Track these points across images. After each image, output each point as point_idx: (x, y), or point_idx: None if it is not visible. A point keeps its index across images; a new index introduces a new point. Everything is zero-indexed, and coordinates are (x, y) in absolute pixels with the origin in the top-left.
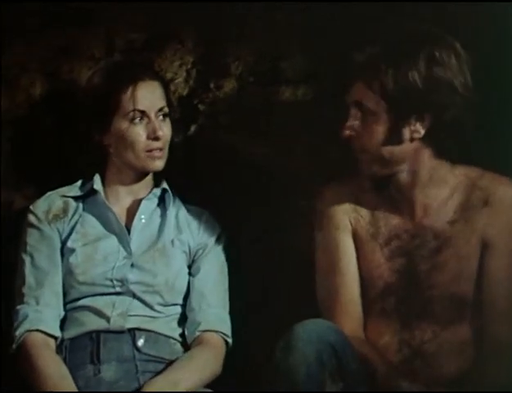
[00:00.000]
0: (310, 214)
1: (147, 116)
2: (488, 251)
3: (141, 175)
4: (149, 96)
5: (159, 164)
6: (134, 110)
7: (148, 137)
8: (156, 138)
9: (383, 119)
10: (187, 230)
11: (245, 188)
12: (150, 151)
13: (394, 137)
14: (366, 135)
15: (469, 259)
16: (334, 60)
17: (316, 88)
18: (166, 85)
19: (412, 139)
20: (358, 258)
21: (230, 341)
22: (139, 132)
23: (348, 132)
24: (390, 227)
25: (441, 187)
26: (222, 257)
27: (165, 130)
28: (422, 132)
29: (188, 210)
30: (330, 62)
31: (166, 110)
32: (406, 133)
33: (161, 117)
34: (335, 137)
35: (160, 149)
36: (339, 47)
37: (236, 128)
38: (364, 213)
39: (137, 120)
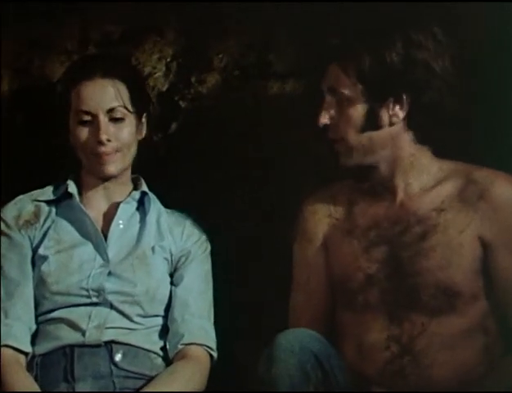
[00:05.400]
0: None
1: (96, 118)
2: (491, 252)
3: (105, 179)
4: (97, 96)
5: (110, 169)
6: (79, 110)
7: (95, 141)
8: (99, 142)
9: (360, 104)
10: (169, 236)
11: (231, 190)
12: (99, 155)
13: (372, 121)
14: (343, 122)
15: (460, 249)
16: (323, 51)
17: (306, 81)
18: (133, 82)
19: (391, 123)
20: (333, 260)
21: (215, 354)
22: (85, 134)
23: (323, 120)
24: (368, 217)
25: (423, 175)
26: (207, 265)
27: (117, 133)
28: (401, 115)
29: (170, 215)
30: (319, 54)
31: (121, 110)
32: (385, 116)
33: (113, 119)
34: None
35: (109, 153)
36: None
37: (221, 125)
38: (340, 214)
39: (85, 121)
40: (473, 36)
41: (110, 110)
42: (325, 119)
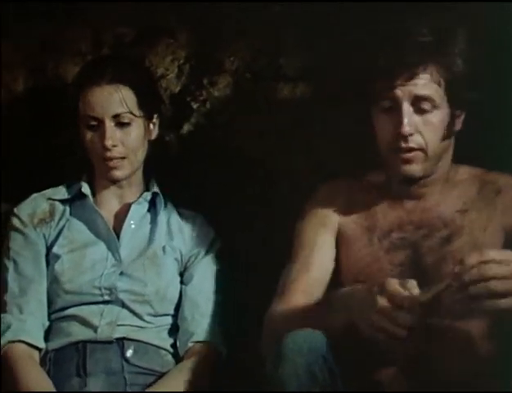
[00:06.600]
0: None
1: (102, 123)
2: None
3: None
4: (103, 102)
5: (117, 174)
6: (86, 115)
7: (101, 146)
8: (104, 148)
9: (445, 112)
10: (179, 236)
11: (241, 190)
12: (106, 159)
13: (450, 130)
14: (428, 131)
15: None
16: (335, 56)
17: (316, 85)
18: (141, 86)
19: (454, 132)
20: (348, 253)
21: (224, 352)
22: (93, 139)
23: (408, 129)
24: (390, 218)
25: (447, 179)
26: (216, 264)
27: (124, 138)
28: (461, 122)
29: (180, 215)
30: (331, 58)
31: (127, 116)
32: (456, 124)
33: (119, 124)
34: (335, 137)
35: (115, 158)
36: (341, 41)
37: (232, 127)
38: (358, 208)
39: (92, 126)
40: (473, 36)
41: (116, 116)
42: (407, 127)
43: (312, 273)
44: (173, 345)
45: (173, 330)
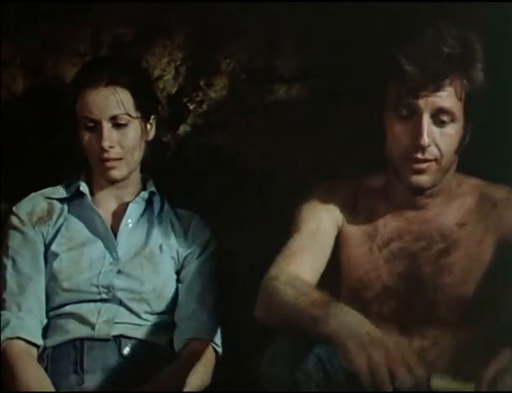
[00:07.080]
0: None
1: (99, 124)
2: (509, 245)
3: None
4: (100, 104)
5: (114, 174)
6: (84, 117)
7: (99, 147)
8: (102, 149)
9: (460, 124)
10: (176, 235)
11: (237, 190)
12: (103, 160)
13: (463, 142)
14: (444, 143)
15: (479, 259)
16: (330, 58)
17: (312, 86)
18: (138, 88)
19: (465, 144)
20: (348, 261)
21: (220, 350)
22: (91, 140)
23: (427, 141)
24: (390, 227)
25: (449, 191)
26: (213, 263)
27: (121, 138)
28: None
29: (177, 214)
30: (329, 58)
31: (124, 117)
32: (467, 137)
33: (116, 125)
34: (331, 138)
35: (112, 159)
36: (340, 41)
37: (228, 127)
38: (360, 211)
39: (90, 128)
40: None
41: (113, 118)
42: (427, 139)
43: (318, 247)
44: (170, 343)
45: (170, 328)
